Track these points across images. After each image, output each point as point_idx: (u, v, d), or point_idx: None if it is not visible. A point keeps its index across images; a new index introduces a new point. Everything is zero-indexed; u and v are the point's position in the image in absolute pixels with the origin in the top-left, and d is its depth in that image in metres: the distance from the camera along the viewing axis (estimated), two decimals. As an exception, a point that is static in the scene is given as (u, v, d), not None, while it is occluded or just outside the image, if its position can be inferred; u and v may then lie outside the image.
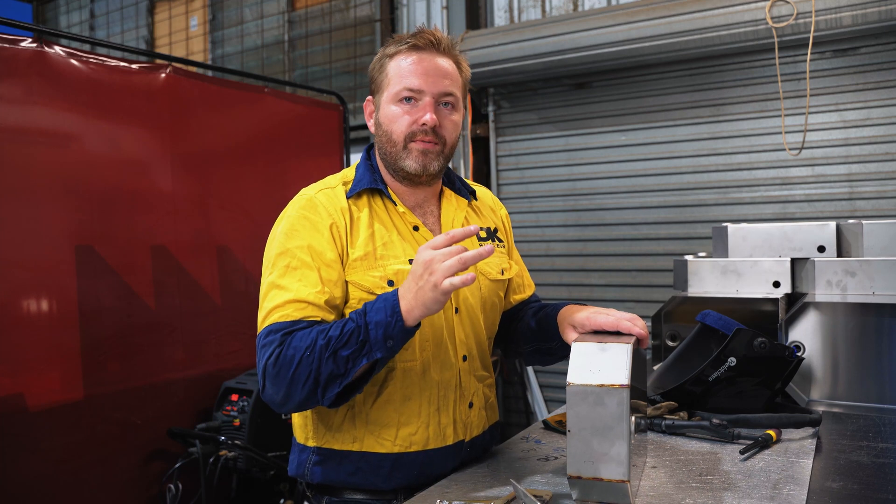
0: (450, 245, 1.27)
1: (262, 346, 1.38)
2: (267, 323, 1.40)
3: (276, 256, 1.45)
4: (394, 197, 1.53)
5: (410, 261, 1.48)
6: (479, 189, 1.76)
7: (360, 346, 1.30)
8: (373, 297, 1.43)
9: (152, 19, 6.96)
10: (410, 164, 1.49)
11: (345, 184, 1.55)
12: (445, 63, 1.51)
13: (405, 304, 1.29)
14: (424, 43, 1.49)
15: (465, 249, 1.26)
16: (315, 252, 1.43)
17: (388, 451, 1.48)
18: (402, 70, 1.48)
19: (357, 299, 1.45)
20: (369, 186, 1.52)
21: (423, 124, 1.47)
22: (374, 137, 1.57)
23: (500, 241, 1.70)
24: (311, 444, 1.54)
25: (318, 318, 1.39)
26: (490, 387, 1.67)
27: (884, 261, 2.03)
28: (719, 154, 4.17)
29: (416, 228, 1.54)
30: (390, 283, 1.45)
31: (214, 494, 2.85)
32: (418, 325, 1.33)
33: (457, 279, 1.24)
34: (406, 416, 1.49)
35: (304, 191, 1.55)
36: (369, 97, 1.58)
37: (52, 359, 2.66)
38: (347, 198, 1.51)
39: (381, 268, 1.46)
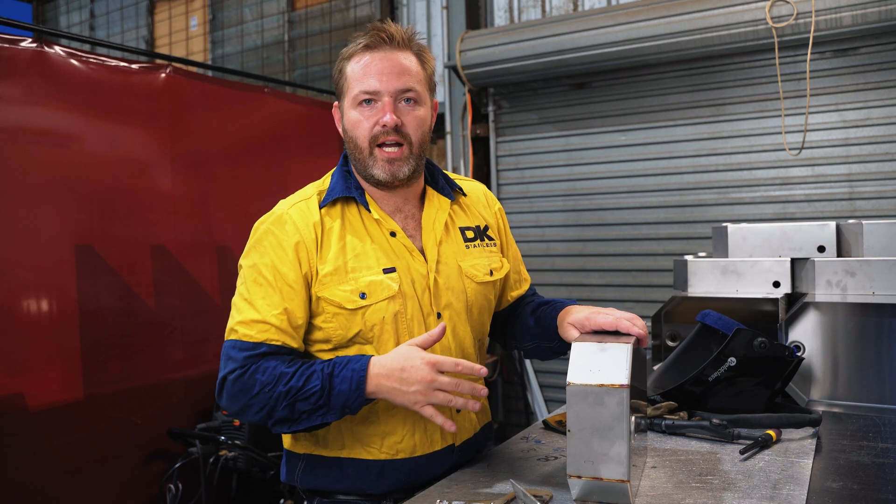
0: (456, 370, 1.30)
1: (226, 358, 1.42)
2: (233, 336, 1.43)
3: (247, 268, 1.47)
4: (370, 204, 1.50)
5: (385, 270, 1.46)
6: (471, 185, 1.70)
7: (318, 408, 1.34)
8: (344, 313, 1.43)
9: (152, 19, 6.96)
10: (378, 172, 1.47)
11: (320, 193, 1.53)
12: (403, 58, 1.46)
13: (373, 387, 1.33)
14: (376, 41, 1.45)
15: (467, 382, 1.32)
16: (278, 273, 1.43)
17: (375, 459, 1.48)
18: (357, 73, 1.45)
19: (331, 313, 1.44)
20: (342, 195, 1.50)
21: (384, 125, 1.43)
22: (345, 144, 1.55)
23: (490, 238, 1.65)
24: (299, 450, 1.54)
25: (280, 342, 1.41)
26: None
27: (884, 261, 2.03)
28: (719, 154, 4.16)
29: (392, 234, 1.50)
30: (362, 295, 1.44)
31: (214, 494, 2.85)
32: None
33: (438, 417, 1.31)
34: (391, 425, 1.48)
35: (281, 203, 1.54)
36: (336, 103, 1.55)
37: (52, 359, 2.66)
38: (320, 208, 1.49)
39: (352, 281, 1.44)
